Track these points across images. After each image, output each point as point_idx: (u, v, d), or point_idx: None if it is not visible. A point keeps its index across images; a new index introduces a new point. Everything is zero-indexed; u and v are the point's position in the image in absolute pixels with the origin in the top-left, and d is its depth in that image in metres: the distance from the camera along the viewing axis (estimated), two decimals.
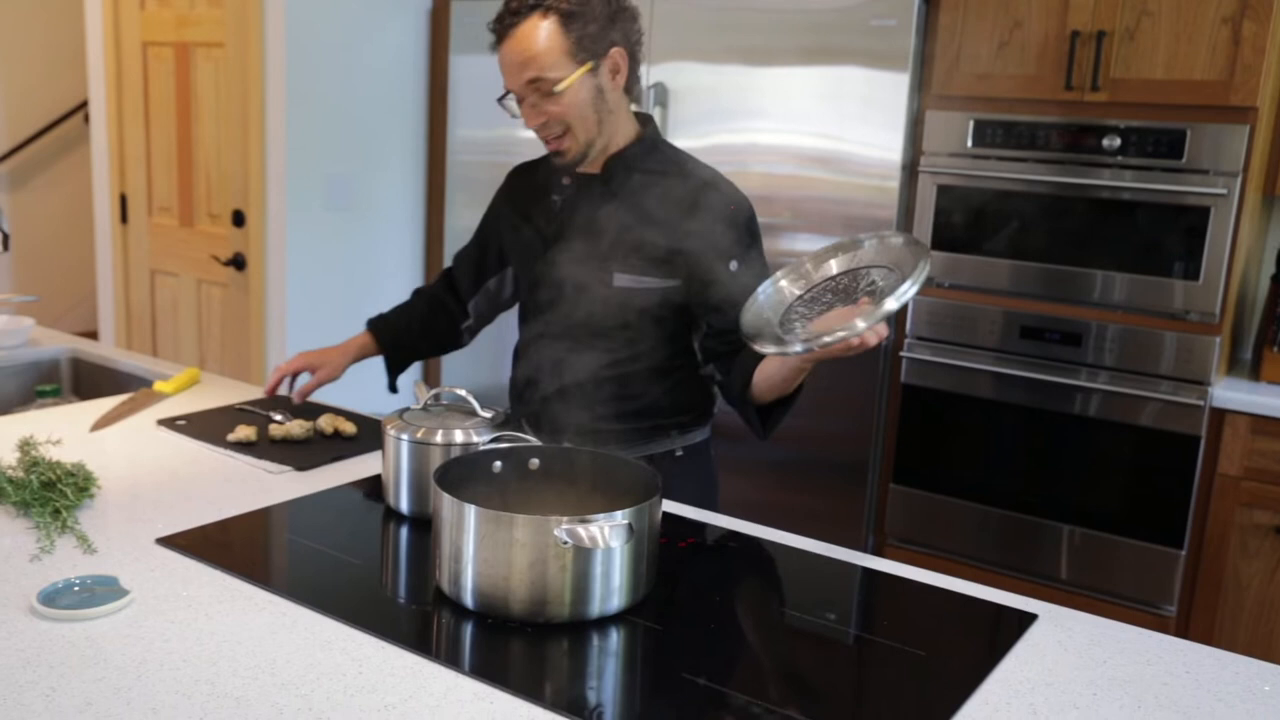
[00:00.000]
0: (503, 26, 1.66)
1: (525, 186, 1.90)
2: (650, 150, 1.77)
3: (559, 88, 1.64)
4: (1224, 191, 2.55)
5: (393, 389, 2.12)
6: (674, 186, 1.73)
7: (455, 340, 2.12)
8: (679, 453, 1.85)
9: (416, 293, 2.14)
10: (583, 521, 1.21)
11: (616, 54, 1.68)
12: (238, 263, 3.60)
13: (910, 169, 2.96)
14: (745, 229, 1.74)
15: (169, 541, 1.43)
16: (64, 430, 1.88)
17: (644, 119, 1.79)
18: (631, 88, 1.74)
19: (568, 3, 1.62)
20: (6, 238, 2.14)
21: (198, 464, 1.76)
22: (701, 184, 1.74)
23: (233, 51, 3.49)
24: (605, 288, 1.72)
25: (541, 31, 1.62)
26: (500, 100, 1.74)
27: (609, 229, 1.72)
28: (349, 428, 1.93)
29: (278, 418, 1.97)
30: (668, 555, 1.46)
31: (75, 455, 1.71)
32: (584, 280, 1.74)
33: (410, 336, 2.09)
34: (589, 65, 1.65)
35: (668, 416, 1.82)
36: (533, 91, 1.66)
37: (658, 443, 1.82)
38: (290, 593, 1.30)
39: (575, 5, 1.63)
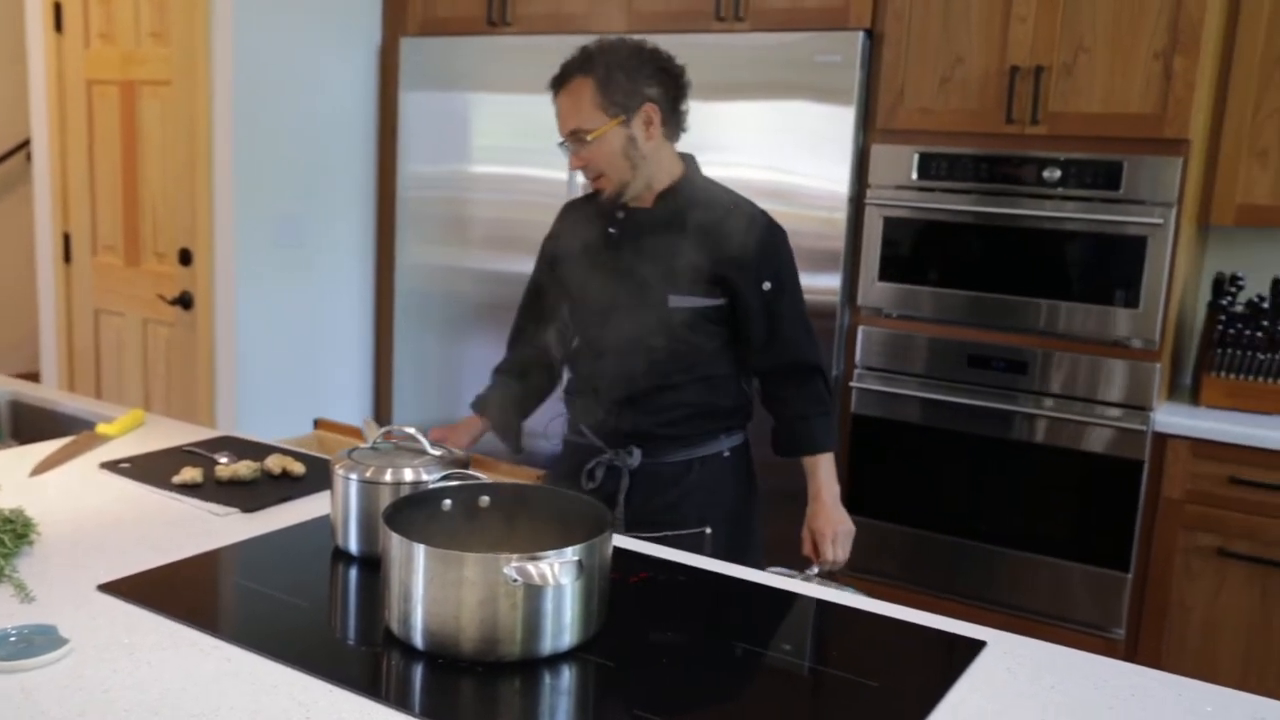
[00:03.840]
0: (556, 81, 1.95)
1: (580, 219, 2.11)
2: (694, 185, 2.03)
3: (590, 138, 1.91)
4: (1160, 221, 2.61)
5: (518, 450, 2.25)
6: (716, 216, 1.99)
7: (554, 382, 2.24)
8: (726, 454, 2.08)
9: (496, 371, 2.25)
10: (532, 559, 1.20)
11: (649, 109, 1.93)
12: (185, 301, 3.56)
13: (857, 201, 3.01)
14: (778, 252, 2.03)
15: (111, 588, 1.40)
16: (2, 475, 1.84)
17: (687, 158, 2.05)
18: (673, 133, 2.00)
19: (605, 66, 1.90)
20: None
21: (141, 507, 1.73)
22: (740, 213, 2.01)
23: (180, 90, 3.46)
24: (661, 307, 1.96)
25: (580, 89, 1.91)
26: (560, 145, 1.99)
27: (661, 256, 1.97)
28: (297, 468, 1.91)
29: (223, 459, 1.95)
30: (620, 591, 1.45)
31: (14, 501, 1.68)
32: (642, 301, 1.98)
33: (512, 401, 2.20)
34: (620, 119, 1.91)
35: (717, 421, 2.06)
36: (574, 140, 1.94)
37: (707, 446, 2.05)
38: (236, 638, 1.27)
39: (611, 68, 1.90)
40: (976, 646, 1.35)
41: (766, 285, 1.99)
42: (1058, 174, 2.72)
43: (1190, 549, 2.68)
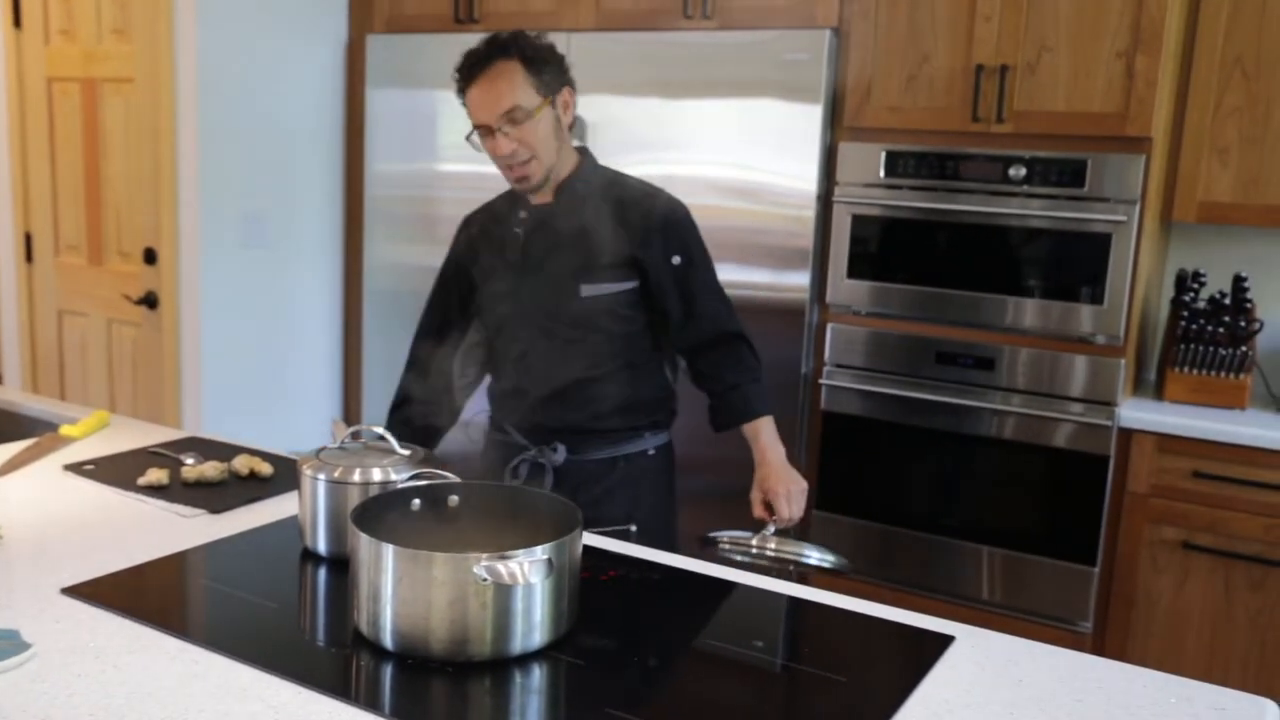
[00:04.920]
0: (473, 69, 1.90)
1: (484, 228, 2.09)
2: (592, 174, 2.03)
3: (535, 114, 1.88)
4: (1124, 219, 2.64)
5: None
6: (617, 201, 1.99)
7: (454, 416, 2.17)
8: (651, 452, 2.08)
9: (395, 409, 2.14)
10: (502, 558, 1.20)
11: (566, 92, 1.96)
12: (150, 301, 3.52)
13: (825, 199, 3.02)
14: (683, 227, 2.04)
15: (75, 591, 1.38)
16: None
17: (581, 150, 2.05)
18: (571, 124, 2.01)
19: (525, 49, 1.89)
20: None
21: (106, 510, 1.71)
22: (641, 195, 2.02)
23: (143, 87, 3.42)
24: (574, 298, 1.96)
25: (508, 71, 1.88)
26: (468, 137, 1.95)
27: (568, 247, 1.97)
28: (265, 468, 1.89)
29: (190, 460, 1.93)
30: (590, 589, 1.45)
31: None
32: (555, 295, 1.97)
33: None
34: (549, 100, 1.92)
35: (641, 415, 2.05)
36: (506, 122, 1.89)
37: (632, 443, 2.05)
38: (204, 640, 1.26)
39: (533, 51, 1.90)
40: (945, 641, 1.36)
41: (676, 259, 2.00)
42: (1023, 172, 2.75)
43: (1155, 542, 2.71)
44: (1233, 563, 2.64)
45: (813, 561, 1.90)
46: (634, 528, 2.04)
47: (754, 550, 1.90)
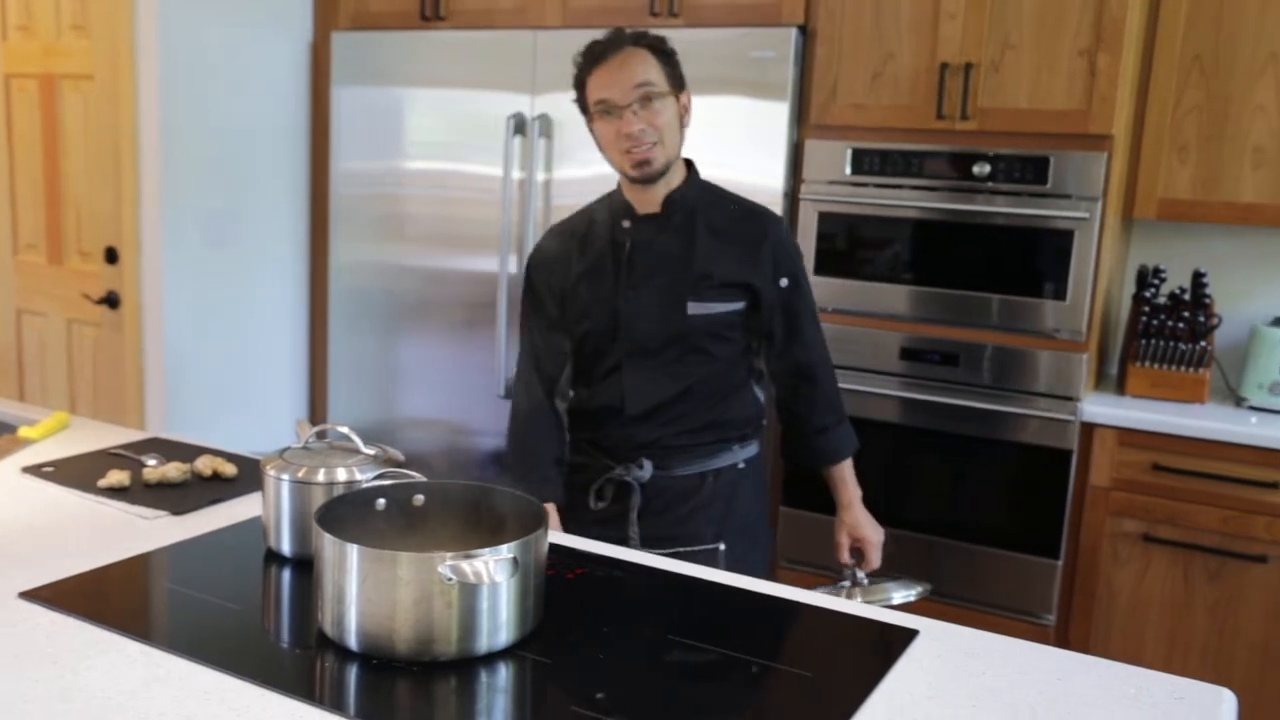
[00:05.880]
0: (602, 53, 1.89)
1: (581, 239, 2.00)
2: (700, 187, 1.99)
3: (664, 98, 1.87)
4: (1086, 215, 2.67)
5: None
6: (729, 217, 1.97)
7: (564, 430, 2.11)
8: (741, 465, 2.04)
9: (531, 451, 2.05)
10: (467, 557, 1.20)
11: (686, 96, 1.94)
12: (111, 301, 3.48)
13: (792, 196, 3.03)
14: (790, 247, 2.03)
15: (33, 595, 1.37)
16: None
17: (687, 162, 2.01)
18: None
19: (658, 42, 1.91)
20: None
21: (65, 512, 1.68)
22: (751, 213, 2.00)
23: (103, 84, 3.38)
24: (679, 315, 1.92)
25: (640, 56, 1.88)
26: (590, 109, 1.90)
27: (677, 262, 1.93)
28: (228, 469, 1.88)
29: (152, 461, 1.91)
30: (556, 587, 1.45)
31: None
32: (659, 310, 1.93)
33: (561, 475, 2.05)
34: (675, 93, 1.91)
35: (729, 431, 2.01)
36: (638, 98, 1.85)
37: (721, 457, 2.01)
38: (165, 643, 1.25)
39: (662, 45, 1.92)
40: (909, 635, 1.37)
41: (784, 282, 1.99)
42: (987, 169, 2.77)
43: (1117, 535, 2.75)
44: (1191, 554, 2.67)
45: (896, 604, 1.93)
46: (723, 547, 2.00)
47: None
